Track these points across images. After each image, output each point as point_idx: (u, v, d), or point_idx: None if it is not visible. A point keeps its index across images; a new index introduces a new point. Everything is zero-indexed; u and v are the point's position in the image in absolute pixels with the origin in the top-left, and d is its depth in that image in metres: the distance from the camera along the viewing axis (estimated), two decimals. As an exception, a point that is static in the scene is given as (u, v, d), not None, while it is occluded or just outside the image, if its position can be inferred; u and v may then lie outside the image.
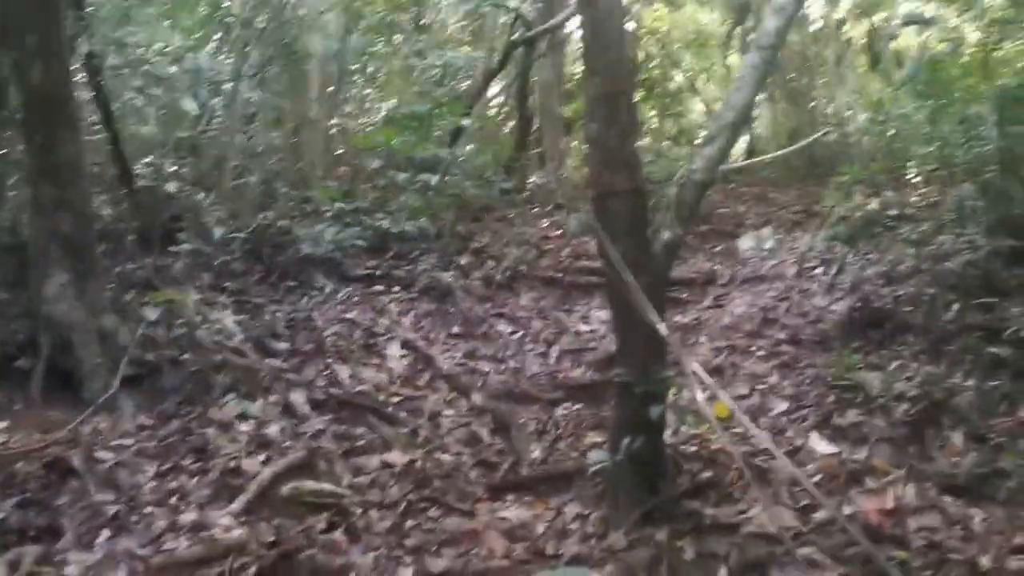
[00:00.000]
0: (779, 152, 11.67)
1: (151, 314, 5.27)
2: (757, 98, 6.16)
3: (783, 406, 4.91)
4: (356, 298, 7.14)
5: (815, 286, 7.25)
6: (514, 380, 6.17)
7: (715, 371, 5.65)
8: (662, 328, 3.48)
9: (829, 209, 7.66)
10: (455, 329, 6.95)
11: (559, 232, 10.24)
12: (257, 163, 8.84)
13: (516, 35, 12.52)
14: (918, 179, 9.13)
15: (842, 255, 7.76)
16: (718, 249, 10.33)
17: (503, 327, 7.13)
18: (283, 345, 5.91)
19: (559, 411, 5.74)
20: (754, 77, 6.24)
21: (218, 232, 7.06)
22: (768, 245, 9.60)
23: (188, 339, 5.45)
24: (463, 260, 8.20)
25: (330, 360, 5.88)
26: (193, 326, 5.55)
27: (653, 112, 17.68)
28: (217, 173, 8.59)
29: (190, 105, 7.34)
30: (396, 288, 7.40)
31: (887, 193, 8.16)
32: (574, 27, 16.05)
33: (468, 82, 13.16)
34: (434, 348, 6.48)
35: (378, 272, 7.62)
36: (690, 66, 18.03)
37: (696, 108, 18.81)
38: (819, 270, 7.66)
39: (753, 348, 5.97)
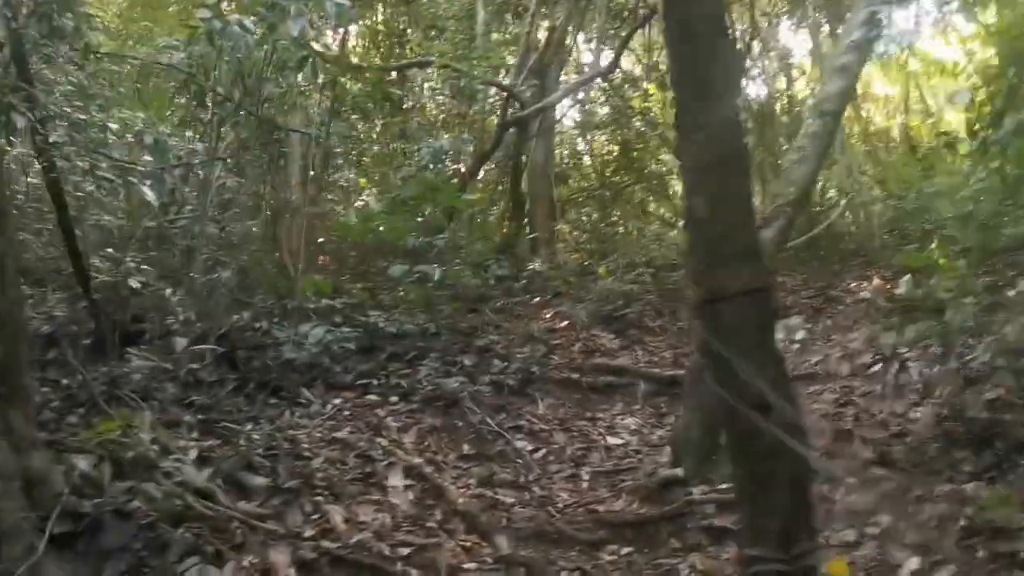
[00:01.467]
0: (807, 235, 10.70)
1: (82, 462, 4.05)
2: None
3: (914, 561, 3.72)
4: (347, 412, 5.93)
5: (878, 387, 6.16)
6: (544, 515, 4.96)
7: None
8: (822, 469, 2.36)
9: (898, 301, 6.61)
10: (466, 448, 5.75)
11: (565, 324, 9.16)
12: (231, 255, 7.69)
13: (509, 115, 11.63)
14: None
15: (893, 349, 6.75)
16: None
17: (521, 443, 5.94)
18: (261, 480, 4.66)
19: (605, 556, 4.54)
20: (816, 147, 5.22)
21: (182, 340, 5.86)
22: (799, 336, 8.56)
23: (140, 480, 4.22)
24: (467, 361, 7.03)
25: (320, 498, 4.64)
26: (147, 462, 4.33)
27: (644, 195, 16.76)
28: (186, 267, 7.45)
29: (151, 193, 6.21)
30: (394, 398, 6.20)
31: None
32: (566, 107, 15.34)
33: (455, 166, 12.24)
34: (444, 475, 5.27)
35: (372, 380, 6.43)
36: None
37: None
38: (876, 367, 6.59)
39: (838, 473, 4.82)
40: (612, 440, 6.19)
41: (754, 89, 17.09)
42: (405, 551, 4.29)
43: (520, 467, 5.60)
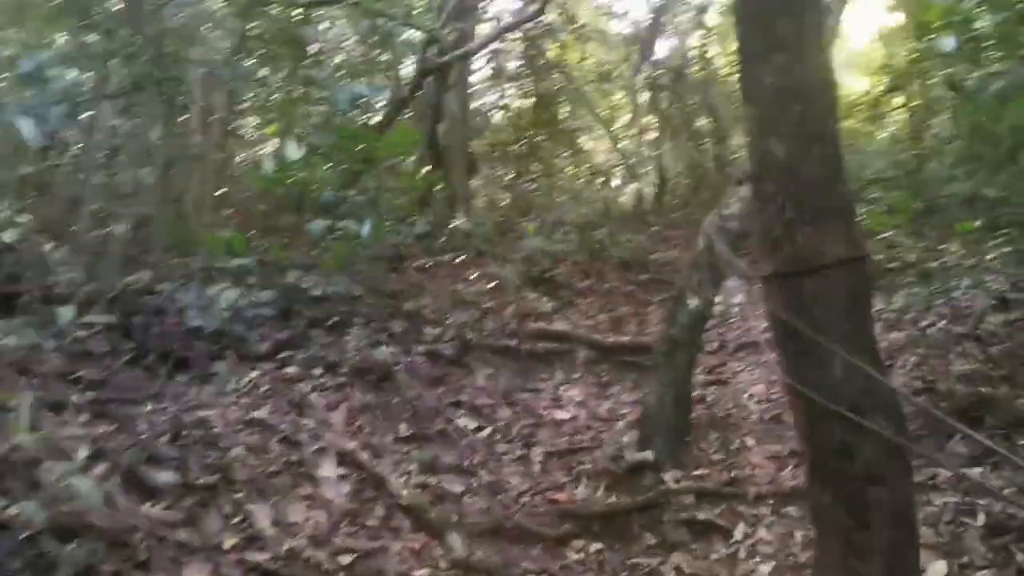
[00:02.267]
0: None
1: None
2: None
3: (939, 567, 3.24)
4: (265, 388, 5.13)
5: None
6: (499, 506, 4.34)
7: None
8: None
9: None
10: (403, 428, 5.03)
11: (493, 285, 8.49)
12: (124, 207, 6.70)
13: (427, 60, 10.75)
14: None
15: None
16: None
17: (463, 421, 5.27)
18: (168, 476, 3.86)
19: (572, 555, 3.97)
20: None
21: (66, 306, 4.95)
22: (738, 299, 8.12)
23: (18, 483, 3.39)
24: (397, 327, 6.30)
25: (240, 495, 3.88)
26: (26, 459, 3.49)
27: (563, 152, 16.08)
28: (71, 219, 6.45)
29: (29, 132, 5.20)
30: (318, 371, 5.42)
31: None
32: (485, 56, 14.49)
33: (368, 115, 11.33)
34: (382, 461, 4.57)
35: (293, 350, 5.63)
36: (597, 102, 16.66)
37: (603, 147, 17.47)
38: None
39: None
40: (559, 414, 5.59)
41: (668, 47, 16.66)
42: (347, 559, 3.61)
43: (464, 449, 4.94)
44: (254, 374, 5.26)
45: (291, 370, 5.40)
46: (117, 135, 7.43)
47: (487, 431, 5.20)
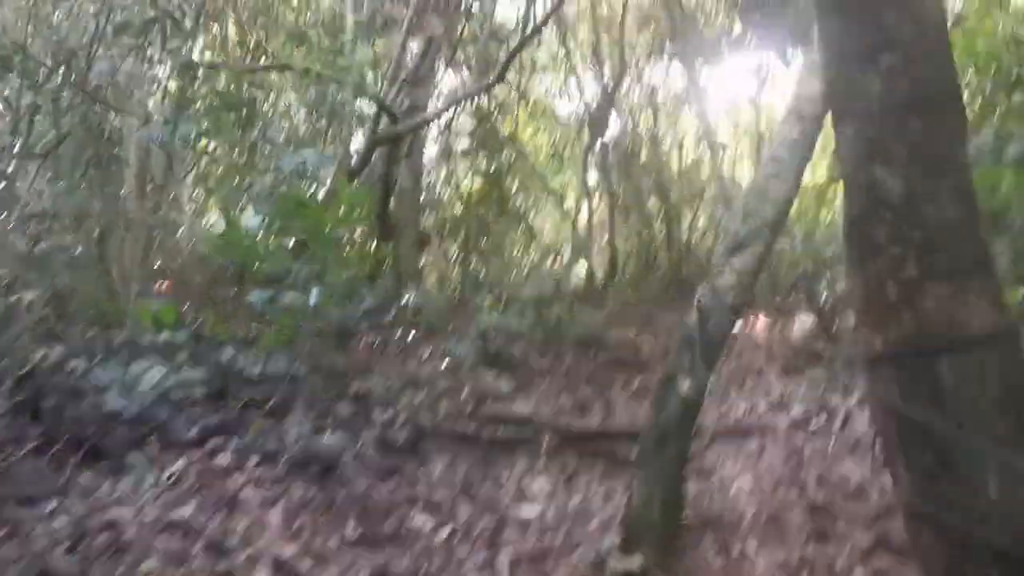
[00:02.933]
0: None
1: None
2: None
3: None
4: (192, 480, 4.42)
5: (830, 445, 5.25)
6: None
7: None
8: None
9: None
10: (351, 529, 4.34)
11: (446, 364, 7.89)
12: (41, 275, 5.98)
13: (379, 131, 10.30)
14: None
15: (827, 397, 5.95)
16: (638, 386, 8.30)
17: (419, 519, 4.61)
18: (64, 596, 3.15)
19: None
20: (795, 159, 4.24)
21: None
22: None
23: None
24: (344, 411, 5.64)
25: (152, 619, 3.18)
26: None
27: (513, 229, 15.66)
28: (-21, 288, 5.73)
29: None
30: (254, 460, 4.73)
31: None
32: (441, 125, 14.12)
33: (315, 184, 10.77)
34: (327, 570, 3.88)
35: (225, 436, 4.93)
36: (548, 179, 16.40)
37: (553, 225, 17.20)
38: (816, 420, 5.71)
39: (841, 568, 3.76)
40: (526, 511, 4.96)
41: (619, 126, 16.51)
42: None
43: (420, 553, 4.27)
44: (179, 464, 4.54)
45: (222, 460, 4.69)
46: (41, 196, 6.74)
47: (446, 531, 4.53)
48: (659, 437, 3.92)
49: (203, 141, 9.46)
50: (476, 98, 13.14)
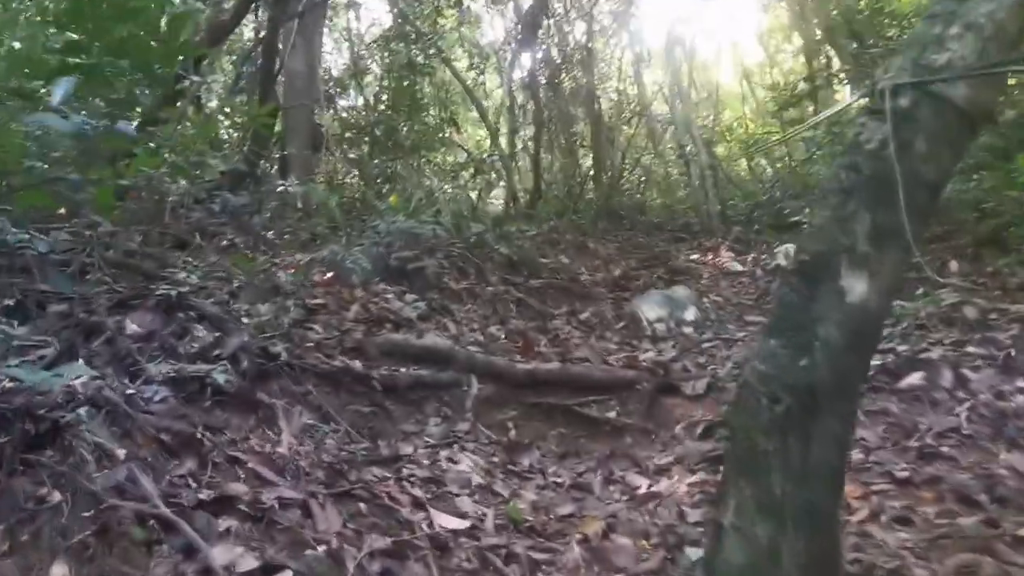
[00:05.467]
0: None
1: None
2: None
3: None
4: None
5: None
6: None
7: None
8: None
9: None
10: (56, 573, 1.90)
11: (330, 275, 5.41)
12: None
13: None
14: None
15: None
16: (587, 317, 6.06)
17: (226, 550, 2.16)
18: None
19: None
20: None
21: None
22: (690, 315, 5.43)
23: None
24: (136, 325, 3.13)
25: None
26: None
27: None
28: None
29: None
30: None
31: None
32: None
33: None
34: None
35: None
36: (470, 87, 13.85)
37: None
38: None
39: None
40: (443, 518, 2.60)
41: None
42: None
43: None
44: None
45: None
46: None
47: (281, 558, 2.11)
48: (747, 452, 1.57)
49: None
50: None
